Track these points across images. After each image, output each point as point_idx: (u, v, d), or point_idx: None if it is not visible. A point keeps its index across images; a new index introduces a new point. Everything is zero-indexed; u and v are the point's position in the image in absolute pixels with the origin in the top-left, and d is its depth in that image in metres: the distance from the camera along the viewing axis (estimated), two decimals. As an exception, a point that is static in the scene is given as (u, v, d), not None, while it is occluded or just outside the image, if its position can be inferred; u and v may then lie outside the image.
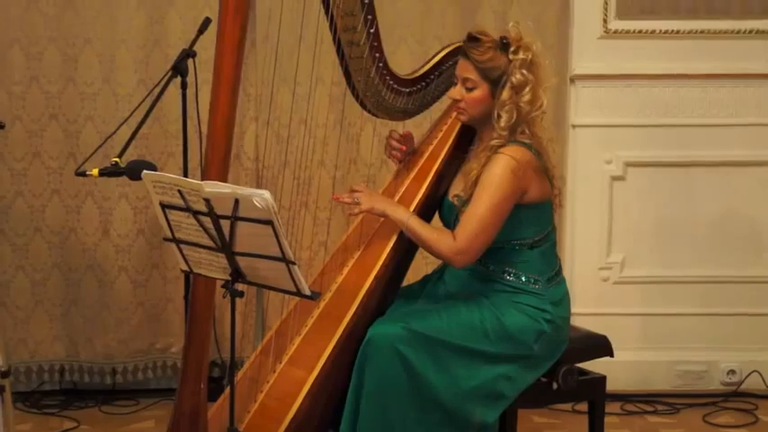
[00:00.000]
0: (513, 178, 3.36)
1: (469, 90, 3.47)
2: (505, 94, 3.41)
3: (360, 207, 3.52)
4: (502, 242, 3.46)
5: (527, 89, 3.41)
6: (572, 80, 4.84)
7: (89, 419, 4.61)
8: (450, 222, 3.51)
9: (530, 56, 3.42)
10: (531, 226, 3.49)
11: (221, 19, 3.21)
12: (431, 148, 3.73)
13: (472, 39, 3.45)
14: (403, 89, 3.66)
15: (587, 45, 4.85)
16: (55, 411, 4.68)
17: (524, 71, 3.40)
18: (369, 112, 3.73)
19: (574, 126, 4.87)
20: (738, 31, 4.84)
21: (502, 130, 3.41)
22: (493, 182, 3.36)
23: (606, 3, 4.82)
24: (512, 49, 3.42)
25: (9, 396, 3.78)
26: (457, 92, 3.51)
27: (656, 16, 4.85)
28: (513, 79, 3.40)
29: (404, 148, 3.77)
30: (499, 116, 3.42)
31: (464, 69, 3.47)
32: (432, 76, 3.71)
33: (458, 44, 3.69)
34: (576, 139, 4.88)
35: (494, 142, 3.42)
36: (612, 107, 4.86)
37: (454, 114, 3.64)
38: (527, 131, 3.43)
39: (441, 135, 3.74)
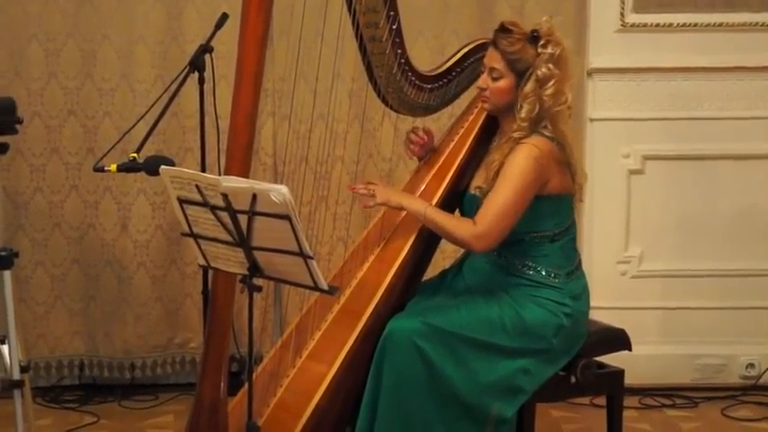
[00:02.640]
0: (535, 166, 3.37)
1: (495, 80, 3.48)
2: (529, 86, 3.42)
3: (374, 200, 3.52)
4: (522, 234, 3.46)
5: (551, 83, 3.41)
6: (589, 74, 4.83)
7: (108, 414, 4.63)
8: (472, 216, 3.51)
9: (558, 51, 3.42)
10: (551, 218, 3.49)
11: (244, 13, 3.21)
12: (452, 144, 3.72)
13: (504, 29, 3.46)
14: (425, 85, 3.66)
15: (604, 39, 4.84)
16: (74, 406, 4.70)
17: (550, 65, 3.41)
18: (390, 107, 3.73)
19: (591, 120, 4.86)
20: (757, 24, 4.82)
21: (522, 122, 3.41)
22: (515, 170, 3.37)
23: (624, -4, 4.82)
24: (541, 42, 3.42)
25: (29, 391, 3.81)
26: (483, 80, 3.52)
27: (673, 9, 4.83)
28: (539, 72, 3.41)
29: (423, 141, 3.76)
30: (521, 107, 3.43)
31: (492, 59, 3.48)
32: (454, 73, 3.72)
33: (481, 41, 3.70)
34: (593, 132, 4.87)
35: (515, 134, 3.42)
36: (630, 101, 4.85)
37: (479, 107, 3.64)
38: (549, 126, 3.43)
39: (462, 131, 3.73)
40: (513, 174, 3.37)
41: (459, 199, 3.64)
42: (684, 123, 4.85)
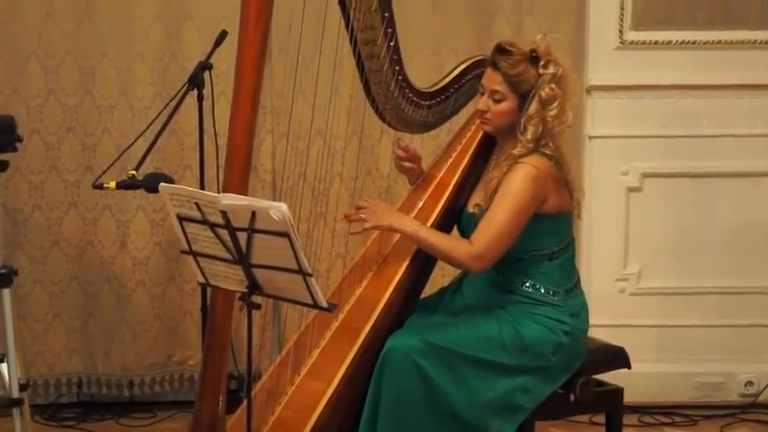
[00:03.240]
0: (533, 186, 3.37)
1: (497, 102, 3.47)
2: (533, 107, 3.41)
3: (363, 225, 3.51)
4: (521, 253, 3.46)
5: (555, 104, 3.40)
6: (588, 91, 4.84)
7: (106, 432, 4.63)
8: (469, 234, 3.51)
9: (560, 71, 3.42)
10: (550, 237, 3.48)
11: (242, 30, 3.22)
12: (449, 161, 3.73)
13: (502, 50, 3.44)
14: (422, 102, 3.66)
15: (603, 56, 4.84)
16: (73, 424, 4.69)
17: (553, 86, 3.40)
18: (388, 124, 3.73)
19: (590, 137, 4.87)
20: (756, 42, 4.83)
21: (528, 143, 3.41)
22: (513, 189, 3.36)
23: (622, 13, 4.82)
24: (541, 62, 3.42)
25: (27, 409, 3.80)
26: (484, 103, 3.50)
27: (672, 27, 4.84)
28: (542, 93, 3.40)
29: (411, 152, 3.76)
30: (525, 129, 3.42)
31: (493, 81, 3.47)
32: (451, 90, 3.72)
33: (479, 57, 3.70)
34: (592, 150, 4.87)
35: (516, 152, 3.41)
36: (629, 118, 4.86)
37: (476, 124, 3.65)
38: (551, 144, 3.43)
39: (460, 148, 3.74)
40: (510, 194, 3.36)
41: (458, 216, 3.63)
42: (683, 141, 4.85)
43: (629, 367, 3.75)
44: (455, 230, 3.66)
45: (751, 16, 4.84)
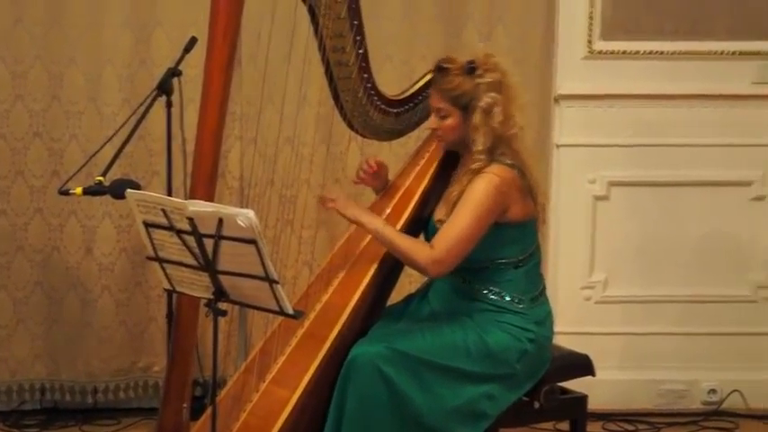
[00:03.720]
0: (495, 193, 3.38)
1: (443, 118, 3.50)
2: (477, 118, 3.43)
3: (335, 203, 3.52)
4: (487, 261, 3.47)
5: (497, 110, 3.42)
6: (556, 100, 4.86)
7: (70, 439, 4.61)
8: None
9: (496, 76, 3.44)
10: (515, 245, 3.50)
11: (211, 38, 3.22)
12: (417, 168, 3.74)
13: (439, 69, 3.49)
14: (391, 110, 3.68)
15: (572, 65, 4.86)
16: (36, 431, 4.66)
17: (492, 93, 3.42)
18: (356, 131, 3.74)
19: (558, 146, 4.88)
20: (722, 52, 4.86)
21: (479, 154, 3.43)
22: (475, 196, 3.38)
23: (591, 23, 4.84)
24: (478, 72, 3.44)
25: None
26: (433, 121, 3.56)
27: (639, 37, 4.87)
28: (482, 103, 3.42)
29: (372, 171, 3.77)
30: (474, 140, 3.44)
31: (435, 99, 3.51)
32: (420, 97, 3.73)
33: None
34: (559, 158, 4.89)
35: (474, 166, 3.43)
36: (596, 127, 4.88)
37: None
38: (507, 151, 3.44)
39: (427, 156, 3.75)
40: (471, 201, 3.38)
41: (425, 225, 3.64)
42: (650, 150, 4.87)
43: (594, 375, 3.76)
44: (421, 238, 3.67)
45: (718, 27, 4.87)
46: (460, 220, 3.38)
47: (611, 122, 4.87)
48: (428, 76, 3.73)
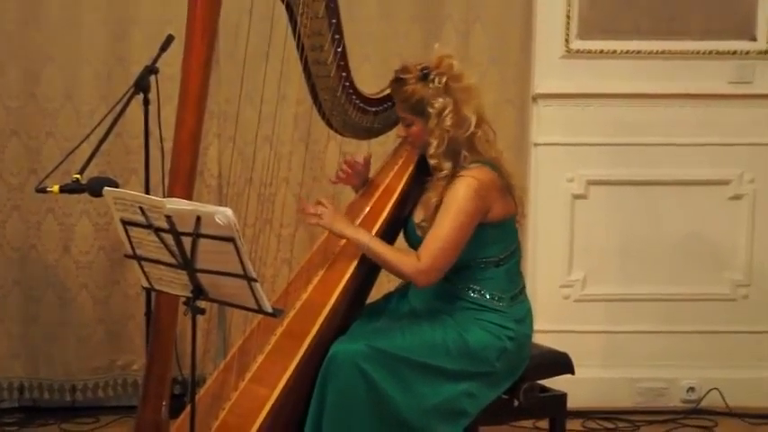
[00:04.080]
0: (476, 198, 3.39)
1: (408, 126, 3.54)
2: (431, 122, 3.46)
3: (319, 220, 3.52)
4: (468, 261, 3.48)
5: (447, 112, 3.43)
6: (534, 99, 4.87)
7: (49, 437, 4.59)
8: (415, 245, 3.51)
9: (444, 80, 3.45)
10: (496, 244, 3.50)
11: (189, 37, 3.21)
12: (396, 167, 3.74)
13: (396, 80, 3.53)
14: (369, 108, 3.68)
15: (549, 64, 4.87)
16: (14, 429, 4.64)
17: (440, 98, 3.44)
18: (335, 130, 3.74)
19: (536, 144, 4.89)
20: (698, 52, 4.88)
21: (432, 158, 3.45)
22: (456, 202, 3.38)
23: (568, 23, 4.85)
24: (431, 77, 3.46)
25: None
26: (400, 130, 3.61)
27: (617, 36, 4.88)
28: (433, 108, 3.44)
29: (348, 173, 3.77)
30: (429, 143, 3.46)
31: (398, 109, 3.56)
32: None
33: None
34: (537, 157, 4.90)
35: (441, 174, 3.44)
36: (574, 126, 4.89)
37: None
38: (468, 155, 3.45)
39: (406, 154, 3.75)
40: (453, 208, 3.38)
41: (404, 224, 3.64)
42: (628, 149, 4.89)
43: (573, 373, 3.77)
44: (401, 237, 3.67)
45: (694, 27, 4.88)
46: (444, 229, 3.38)
47: (588, 121, 4.88)
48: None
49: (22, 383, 4.78)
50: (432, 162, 3.47)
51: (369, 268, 3.56)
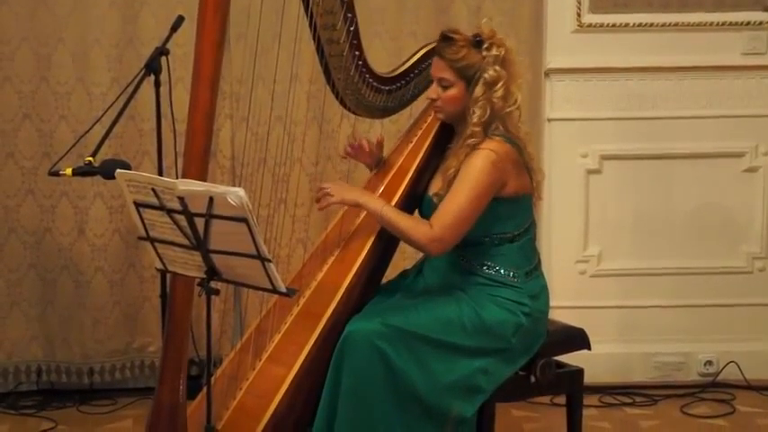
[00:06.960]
0: (493, 170, 3.38)
1: (445, 88, 3.50)
2: (479, 90, 3.43)
3: (330, 199, 3.52)
4: (482, 236, 3.47)
5: (500, 85, 3.43)
6: (546, 74, 4.85)
7: (67, 419, 4.59)
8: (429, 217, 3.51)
9: (502, 52, 3.45)
10: (510, 220, 3.50)
11: (201, 16, 3.20)
12: (410, 146, 3.73)
13: (445, 38, 3.48)
14: (383, 87, 3.66)
15: (561, 39, 4.85)
16: (32, 412, 4.66)
17: (497, 67, 3.43)
18: (348, 109, 3.73)
19: (549, 120, 4.88)
20: (711, 24, 4.86)
21: (474, 126, 3.43)
22: (472, 173, 3.38)
23: (579, -4, 4.84)
24: (485, 45, 3.44)
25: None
26: (433, 91, 3.55)
27: (629, 9, 4.86)
28: (486, 75, 3.43)
29: (355, 152, 3.77)
30: (473, 112, 3.44)
31: (439, 69, 3.50)
32: (411, 74, 3.72)
33: (435, 43, 3.70)
34: (551, 132, 4.89)
35: (470, 140, 3.43)
36: (587, 101, 4.87)
37: (432, 114, 3.66)
38: (501, 128, 3.44)
39: (420, 133, 3.74)
40: (469, 178, 3.38)
41: (419, 201, 3.64)
42: (641, 123, 4.87)
43: (590, 348, 3.76)
44: (416, 214, 3.66)
45: (706, -1, 4.87)
46: (459, 199, 3.38)
47: (601, 96, 4.87)
48: (421, 53, 3.72)
49: (39, 366, 4.80)
50: (468, 130, 3.44)
51: (384, 247, 3.56)
